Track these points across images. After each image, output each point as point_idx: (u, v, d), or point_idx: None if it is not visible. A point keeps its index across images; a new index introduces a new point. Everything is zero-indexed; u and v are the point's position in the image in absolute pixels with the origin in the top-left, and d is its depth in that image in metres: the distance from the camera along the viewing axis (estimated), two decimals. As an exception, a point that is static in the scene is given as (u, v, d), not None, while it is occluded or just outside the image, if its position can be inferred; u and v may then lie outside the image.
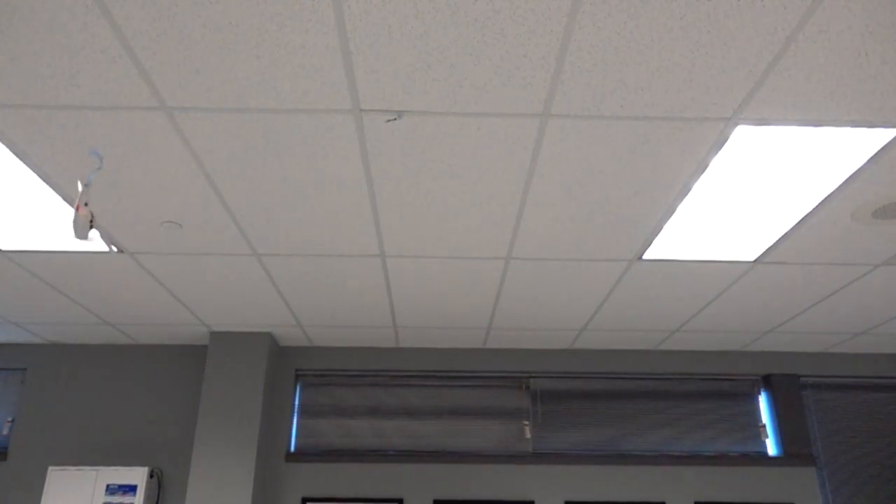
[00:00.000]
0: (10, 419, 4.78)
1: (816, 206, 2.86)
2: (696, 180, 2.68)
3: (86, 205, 3.09)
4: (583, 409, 4.86)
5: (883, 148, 2.45)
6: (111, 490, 4.27)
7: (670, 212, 2.93)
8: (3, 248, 3.31)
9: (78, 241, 3.28)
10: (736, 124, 2.32)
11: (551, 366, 4.93)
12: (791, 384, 4.87)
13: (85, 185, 2.89)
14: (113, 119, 2.30)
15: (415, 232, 3.14)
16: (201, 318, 4.35)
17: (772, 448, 4.77)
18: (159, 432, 4.69)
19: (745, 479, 4.64)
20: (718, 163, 2.54)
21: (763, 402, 4.90)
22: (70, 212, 2.94)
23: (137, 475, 4.32)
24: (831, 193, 2.76)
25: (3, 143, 2.43)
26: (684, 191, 2.76)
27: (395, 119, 2.28)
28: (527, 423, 4.80)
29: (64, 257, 3.42)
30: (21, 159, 2.54)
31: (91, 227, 3.18)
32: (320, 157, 2.54)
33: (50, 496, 4.23)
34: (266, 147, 2.47)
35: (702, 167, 2.58)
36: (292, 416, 4.78)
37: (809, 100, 2.19)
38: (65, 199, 2.83)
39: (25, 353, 4.91)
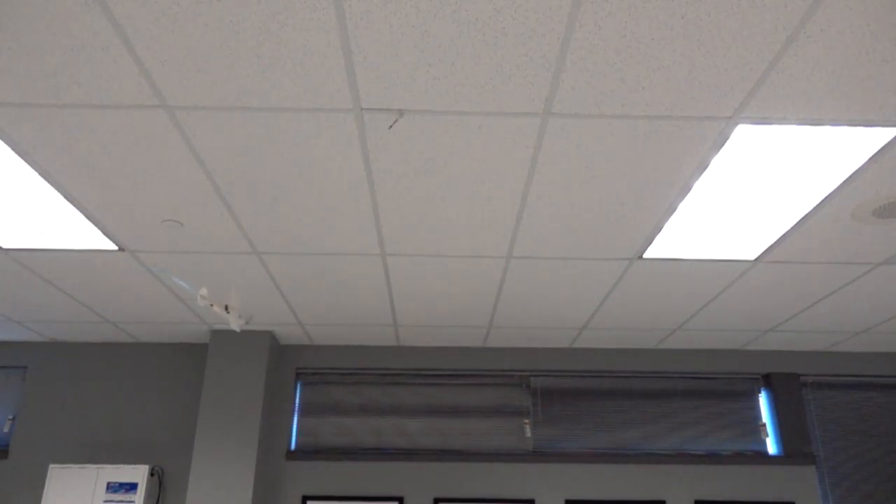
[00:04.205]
0: (10, 417, 4.78)
1: (817, 205, 2.86)
2: (696, 179, 2.68)
3: (211, 305, 3.51)
4: (583, 408, 4.86)
5: (883, 147, 2.45)
6: (112, 488, 4.28)
7: (671, 211, 2.94)
8: (5, 246, 3.32)
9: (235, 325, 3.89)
10: (736, 123, 2.32)
11: (552, 364, 4.93)
12: (791, 383, 4.88)
13: (201, 294, 3.25)
14: (114, 117, 2.30)
15: (415, 230, 3.15)
16: (202, 316, 4.36)
17: (772, 447, 4.78)
18: (160, 430, 4.70)
19: (745, 478, 4.64)
20: (719, 162, 2.55)
21: (763, 400, 4.91)
22: (70, 212, 2.95)
23: (138, 473, 4.32)
24: (832, 192, 2.76)
25: (4, 141, 2.43)
26: (685, 190, 2.76)
27: (397, 120, 2.29)
28: (527, 421, 4.81)
29: (65, 256, 3.43)
30: (22, 157, 2.54)
31: (228, 312, 3.59)
32: (321, 155, 2.54)
33: (51, 494, 4.24)
34: (267, 146, 2.48)
35: (702, 166, 2.58)
36: (293, 414, 4.79)
37: (810, 99, 2.19)
38: (66, 197, 2.84)
39: (26, 351, 4.92)
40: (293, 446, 4.72)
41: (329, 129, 2.37)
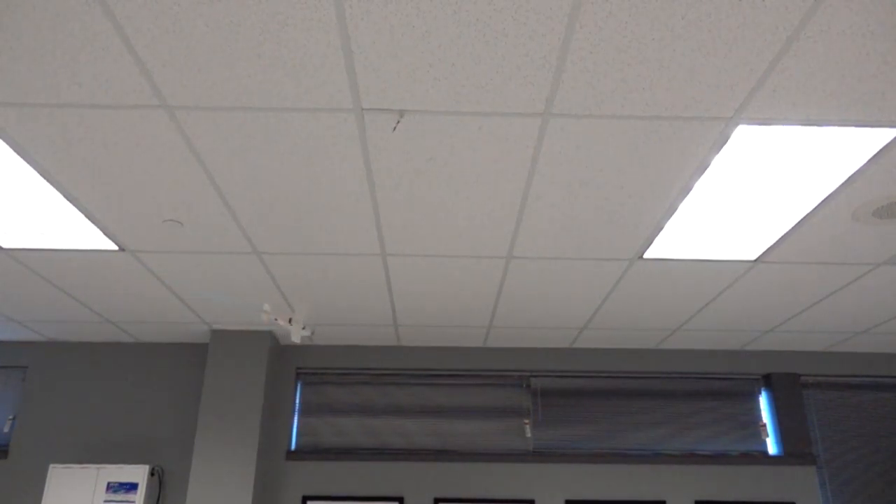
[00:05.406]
0: (11, 417, 4.78)
1: (817, 206, 2.86)
2: (696, 179, 2.68)
3: (276, 319, 3.72)
4: (583, 408, 4.86)
5: (884, 147, 2.45)
6: (112, 488, 4.28)
7: (671, 211, 2.94)
8: (5, 245, 3.32)
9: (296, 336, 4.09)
10: (737, 124, 2.32)
11: (552, 364, 4.93)
12: (791, 383, 4.88)
13: (264, 310, 3.49)
14: (114, 117, 2.30)
15: (416, 231, 3.15)
16: (202, 316, 4.36)
17: (772, 447, 4.78)
18: (160, 430, 4.70)
19: (746, 478, 4.64)
20: (719, 162, 2.55)
21: (763, 401, 4.91)
22: (70, 212, 2.95)
23: (138, 473, 4.32)
24: (832, 193, 2.76)
25: (4, 140, 2.43)
26: (685, 190, 2.76)
27: (399, 121, 2.29)
28: (527, 421, 4.80)
29: (65, 255, 3.43)
30: (23, 157, 2.54)
31: (292, 325, 3.75)
32: (321, 155, 2.54)
33: (51, 494, 4.24)
34: (267, 146, 2.48)
35: (703, 166, 2.58)
36: (293, 414, 4.79)
37: (810, 99, 2.19)
38: (66, 197, 2.84)
39: (26, 350, 4.92)
40: (293, 446, 4.72)
41: (329, 129, 2.37)
